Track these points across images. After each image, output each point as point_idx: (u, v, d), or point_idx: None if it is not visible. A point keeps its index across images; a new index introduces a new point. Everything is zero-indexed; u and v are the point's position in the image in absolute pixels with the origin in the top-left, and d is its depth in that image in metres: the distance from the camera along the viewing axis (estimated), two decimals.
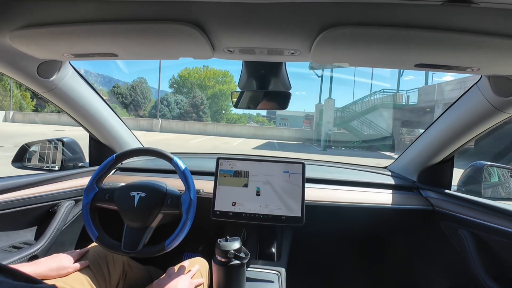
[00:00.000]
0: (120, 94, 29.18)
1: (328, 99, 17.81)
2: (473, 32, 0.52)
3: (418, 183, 1.23)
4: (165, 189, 0.92)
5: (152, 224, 0.89)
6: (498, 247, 0.88)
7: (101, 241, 0.86)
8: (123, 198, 0.89)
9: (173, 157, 0.93)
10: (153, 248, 0.86)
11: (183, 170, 0.92)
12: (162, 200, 0.89)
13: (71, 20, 0.60)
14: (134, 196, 0.88)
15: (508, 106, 0.79)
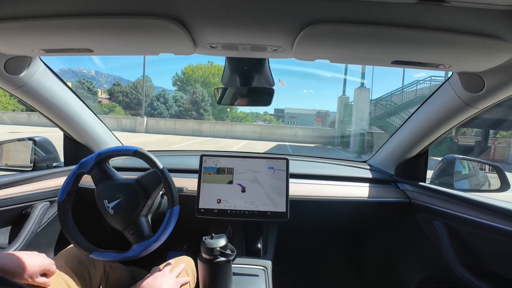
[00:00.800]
0: (121, 92, 27.99)
1: (361, 89, 13.60)
2: (445, 30, 0.55)
3: (396, 176, 1.28)
4: (134, 181, 0.89)
5: (142, 215, 0.87)
6: (469, 237, 0.93)
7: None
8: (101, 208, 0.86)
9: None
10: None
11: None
12: (139, 189, 0.87)
13: (42, 14, 0.56)
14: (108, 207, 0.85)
15: (477, 101, 0.84)
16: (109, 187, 0.88)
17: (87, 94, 27.12)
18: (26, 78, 0.87)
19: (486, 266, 0.88)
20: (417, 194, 1.16)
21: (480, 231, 0.85)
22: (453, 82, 0.87)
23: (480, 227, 0.85)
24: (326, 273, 1.58)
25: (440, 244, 0.98)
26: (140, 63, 39.42)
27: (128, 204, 0.86)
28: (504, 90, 0.76)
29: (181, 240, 1.50)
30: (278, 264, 1.09)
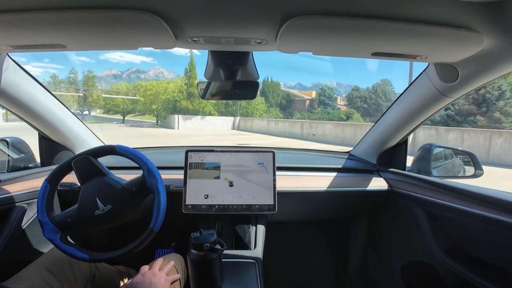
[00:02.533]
0: (359, 97, 27.56)
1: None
2: (421, 22, 0.57)
3: (378, 165, 1.33)
4: (120, 185, 0.87)
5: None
6: (447, 222, 0.98)
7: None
8: (88, 220, 0.83)
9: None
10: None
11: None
12: (125, 195, 0.85)
13: (10, 8, 0.53)
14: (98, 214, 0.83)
15: (451, 91, 0.89)
16: (98, 184, 0.86)
17: (328, 101, 28.97)
18: None
19: (464, 250, 0.92)
20: (397, 182, 1.20)
21: (457, 217, 0.89)
22: (429, 72, 0.91)
23: (457, 212, 0.89)
24: (314, 261, 1.63)
25: (420, 230, 1.02)
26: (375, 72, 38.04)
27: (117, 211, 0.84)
28: (476, 79, 0.80)
29: (169, 238, 1.49)
30: (268, 256, 1.10)
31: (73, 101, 32.36)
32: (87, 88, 32.62)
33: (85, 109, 35.40)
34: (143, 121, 31.09)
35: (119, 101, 29.68)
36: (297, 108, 35.64)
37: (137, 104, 28.02)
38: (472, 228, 0.87)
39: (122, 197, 0.85)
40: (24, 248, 0.99)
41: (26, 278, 0.74)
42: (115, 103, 30.18)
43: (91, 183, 0.86)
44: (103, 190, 0.85)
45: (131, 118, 35.38)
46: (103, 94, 32.59)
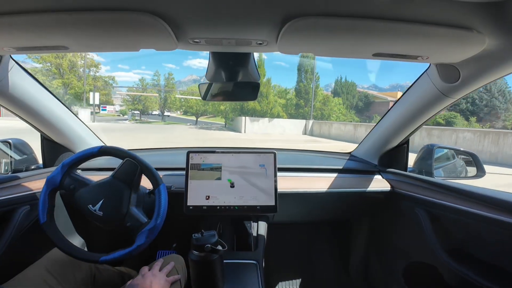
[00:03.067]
0: (464, 98, 19.52)
1: None
2: (422, 23, 0.57)
3: (379, 166, 1.32)
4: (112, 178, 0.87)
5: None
6: (449, 223, 0.97)
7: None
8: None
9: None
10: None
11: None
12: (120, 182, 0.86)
13: (13, 11, 0.53)
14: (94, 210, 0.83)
15: (453, 91, 0.88)
16: (87, 192, 0.86)
17: None
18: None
19: (465, 250, 0.92)
20: (399, 183, 1.20)
21: (459, 217, 0.89)
22: (431, 73, 0.91)
23: (459, 213, 0.88)
24: (316, 263, 1.62)
25: (422, 231, 1.02)
26: None
27: (113, 200, 0.84)
28: (477, 80, 0.80)
29: (170, 239, 1.49)
30: (269, 257, 1.10)
31: (156, 102, 33.26)
32: (168, 89, 33.42)
33: (165, 110, 35.79)
34: (213, 123, 30.77)
35: (192, 103, 29.54)
36: (378, 110, 30.45)
37: (208, 106, 27.48)
38: (474, 229, 0.87)
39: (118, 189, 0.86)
40: (26, 249, 1.00)
41: (27, 279, 0.75)
42: (189, 105, 30.28)
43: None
44: (102, 188, 0.87)
45: (203, 120, 35.35)
46: (177, 95, 32.90)
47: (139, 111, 32.77)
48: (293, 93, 26.62)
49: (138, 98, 31.73)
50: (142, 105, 31.78)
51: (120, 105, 37.27)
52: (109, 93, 31.68)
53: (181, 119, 37.50)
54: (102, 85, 28.04)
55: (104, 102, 33.95)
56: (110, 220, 0.83)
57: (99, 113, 35.53)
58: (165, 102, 33.45)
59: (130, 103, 32.41)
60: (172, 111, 39.99)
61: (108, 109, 36.06)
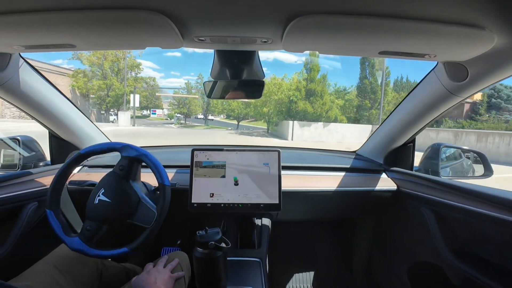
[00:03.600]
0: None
1: None
2: (430, 21, 0.56)
3: (385, 165, 1.31)
4: (112, 170, 0.88)
5: (140, 195, 0.86)
6: (455, 223, 0.96)
7: (134, 247, 0.82)
8: (97, 210, 0.83)
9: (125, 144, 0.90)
10: (163, 199, 0.83)
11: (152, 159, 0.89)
12: (116, 174, 0.86)
13: (21, 9, 0.54)
14: (100, 199, 0.84)
15: (461, 90, 0.87)
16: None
17: (505, 104, 19.72)
18: (6, 75, 0.84)
19: (471, 250, 0.91)
20: (405, 182, 1.19)
21: (465, 217, 0.88)
22: (438, 71, 0.89)
23: (465, 213, 0.87)
24: (319, 261, 1.62)
25: (428, 231, 1.01)
26: None
27: (116, 188, 0.85)
28: (486, 78, 0.79)
29: (174, 236, 1.50)
30: (272, 255, 1.10)
31: (199, 106, 33.17)
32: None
33: (209, 114, 35.26)
34: (255, 128, 27.87)
35: (234, 106, 27.23)
36: (449, 113, 24.85)
37: (250, 108, 24.37)
38: (481, 229, 0.86)
39: (111, 176, 0.87)
40: (34, 245, 1.02)
41: (35, 275, 0.76)
42: (231, 108, 28.42)
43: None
44: (108, 181, 0.88)
45: (245, 124, 33.26)
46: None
47: (183, 115, 32.75)
48: (354, 92, 21.31)
49: (183, 101, 31.78)
50: (187, 109, 31.86)
51: (168, 109, 37.35)
52: (152, 94, 31.57)
53: (223, 123, 36.33)
54: (143, 87, 27.38)
55: (155, 106, 34.41)
56: (120, 206, 0.84)
57: (149, 117, 36.33)
58: (207, 106, 32.77)
59: (175, 107, 32.59)
60: (214, 115, 39.36)
61: (157, 113, 36.52)
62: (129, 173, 0.87)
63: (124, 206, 0.84)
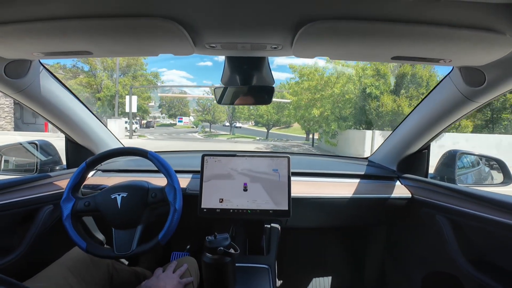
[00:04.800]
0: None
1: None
2: (444, 25, 0.55)
3: (398, 172, 1.28)
4: (146, 186, 0.90)
5: (141, 223, 0.87)
6: (472, 231, 0.92)
7: (91, 251, 0.83)
8: (104, 202, 0.86)
9: (148, 151, 0.92)
10: (147, 245, 0.84)
11: (161, 161, 0.91)
12: (146, 196, 0.88)
13: (41, 17, 0.56)
14: (116, 198, 0.86)
15: (478, 95, 0.84)
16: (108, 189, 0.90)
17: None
18: (27, 81, 0.87)
19: (489, 260, 0.87)
20: (419, 190, 1.15)
21: (483, 225, 0.85)
22: (454, 76, 0.87)
23: (483, 221, 0.84)
24: (329, 270, 1.59)
25: (443, 239, 0.98)
26: None
27: (134, 190, 0.88)
28: (505, 83, 0.76)
29: (184, 241, 1.51)
30: (281, 262, 1.09)
31: (223, 112, 30.04)
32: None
33: (235, 121, 30.87)
34: (289, 137, 23.16)
35: (263, 110, 22.38)
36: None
37: (282, 113, 18.73)
38: (499, 238, 0.82)
39: (140, 191, 0.89)
40: (48, 247, 1.04)
41: (49, 277, 0.78)
42: (259, 113, 23.70)
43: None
44: (126, 184, 0.90)
45: (276, 132, 29.11)
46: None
47: (209, 122, 29.89)
48: None
49: (208, 108, 29.45)
50: (211, 116, 29.11)
51: (194, 116, 35.03)
52: (180, 101, 29.44)
53: (251, 131, 31.83)
54: (143, 86, 20.23)
55: (182, 113, 32.11)
56: (121, 218, 0.85)
57: (176, 125, 33.71)
58: (233, 112, 28.43)
59: (199, 114, 30.29)
60: (242, 121, 34.40)
61: (184, 121, 34.30)
62: (154, 204, 0.89)
63: (122, 220, 0.86)
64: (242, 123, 35.85)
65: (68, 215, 0.84)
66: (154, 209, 0.90)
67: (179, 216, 0.86)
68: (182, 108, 32.41)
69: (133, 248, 0.83)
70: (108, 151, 0.95)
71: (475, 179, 1.37)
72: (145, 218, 0.88)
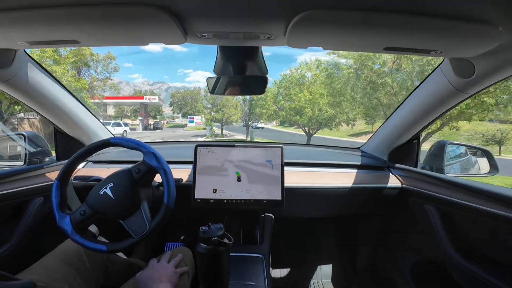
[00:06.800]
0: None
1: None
2: (436, 16, 0.55)
3: (389, 162, 1.30)
4: (128, 168, 0.89)
5: (142, 201, 0.86)
6: (460, 221, 0.95)
7: (113, 249, 0.82)
8: (98, 201, 0.84)
9: (109, 138, 0.90)
10: (159, 216, 0.83)
11: (128, 140, 0.90)
12: (131, 176, 0.87)
13: (26, 5, 0.54)
14: (105, 192, 0.84)
15: (467, 87, 0.86)
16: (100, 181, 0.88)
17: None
18: (12, 71, 0.85)
19: (476, 248, 0.90)
20: (409, 180, 1.18)
21: (471, 215, 0.87)
22: (444, 68, 0.88)
23: (470, 210, 0.87)
24: (322, 259, 1.62)
25: (432, 229, 1.01)
26: None
27: (123, 186, 0.85)
28: (494, 75, 0.77)
29: (178, 231, 1.51)
30: (275, 251, 1.11)
31: (235, 107, 23.15)
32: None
33: (252, 120, 22.02)
34: (343, 142, 16.11)
35: (303, 102, 13.28)
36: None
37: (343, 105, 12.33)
38: (486, 227, 0.85)
39: (124, 174, 0.87)
40: (40, 239, 1.03)
41: (41, 269, 0.77)
42: (294, 106, 13.74)
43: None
44: (120, 179, 0.88)
45: (319, 135, 17.40)
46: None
47: (221, 123, 22.36)
48: None
49: (217, 105, 23.24)
50: (222, 115, 21.97)
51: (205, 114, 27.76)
52: (193, 97, 24.19)
53: (277, 134, 23.43)
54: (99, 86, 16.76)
55: (196, 111, 25.59)
56: (120, 206, 0.84)
57: (186, 127, 28.39)
58: (250, 108, 19.80)
59: (208, 112, 23.94)
60: (263, 121, 24.34)
61: (196, 121, 28.55)
62: (142, 178, 0.87)
63: (122, 208, 0.84)
64: (264, 122, 26.10)
65: (72, 231, 0.82)
66: (147, 183, 0.89)
67: (171, 175, 0.86)
68: (194, 105, 27.82)
69: (148, 226, 0.83)
70: (71, 159, 0.90)
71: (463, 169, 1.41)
72: (144, 195, 0.87)
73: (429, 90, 1.00)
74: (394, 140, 1.25)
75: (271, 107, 15.38)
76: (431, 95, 0.99)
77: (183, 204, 1.01)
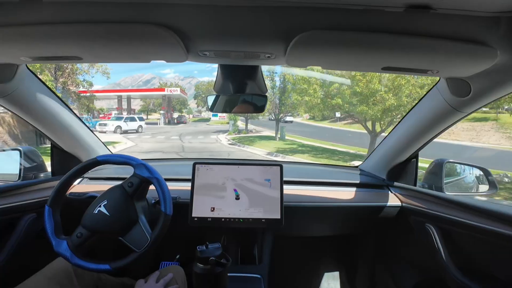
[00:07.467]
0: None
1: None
2: (433, 37, 0.57)
3: (388, 180, 1.30)
4: (120, 183, 0.88)
5: (139, 214, 0.85)
6: (461, 239, 0.94)
7: (116, 267, 0.80)
8: (93, 221, 0.83)
9: (96, 157, 0.90)
10: (159, 226, 0.82)
11: (116, 156, 0.90)
12: (124, 190, 0.86)
13: (30, 21, 0.55)
14: (100, 210, 0.83)
15: (464, 106, 0.87)
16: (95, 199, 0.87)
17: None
18: (13, 86, 0.85)
19: (478, 267, 0.89)
20: (409, 198, 1.17)
21: (472, 233, 0.86)
22: (441, 87, 0.90)
23: (471, 229, 0.86)
24: (322, 278, 1.58)
25: (433, 247, 0.99)
26: None
27: (118, 202, 0.84)
28: (490, 94, 0.79)
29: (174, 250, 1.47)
30: (274, 271, 1.07)
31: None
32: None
33: (282, 113, 15.50)
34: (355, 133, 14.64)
35: (347, 93, 9.09)
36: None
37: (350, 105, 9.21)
38: (487, 245, 0.84)
39: (117, 190, 0.86)
40: (31, 257, 1.00)
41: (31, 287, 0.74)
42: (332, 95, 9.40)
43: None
44: (113, 195, 0.87)
45: (341, 127, 18.75)
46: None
47: (245, 117, 17.45)
48: None
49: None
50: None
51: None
52: (208, 90, 22.56)
53: (312, 130, 18.14)
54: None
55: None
56: (117, 222, 0.83)
57: (210, 121, 26.55)
58: (280, 98, 14.65)
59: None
60: (291, 115, 18.86)
61: (220, 115, 23.28)
62: (136, 192, 0.86)
63: (120, 224, 0.83)
64: (293, 116, 21.35)
65: (72, 255, 0.80)
66: (141, 196, 0.89)
67: (164, 183, 0.86)
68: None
69: (149, 237, 0.81)
70: (60, 182, 0.89)
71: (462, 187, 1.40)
72: (140, 208, 0.86)
73: (426, 109, 1.01)
74: (393, 158, 1.25)
75: (317, 93, 9.86)
76: (428, 114, 1.01)
77: (180, 222, 0.98)
